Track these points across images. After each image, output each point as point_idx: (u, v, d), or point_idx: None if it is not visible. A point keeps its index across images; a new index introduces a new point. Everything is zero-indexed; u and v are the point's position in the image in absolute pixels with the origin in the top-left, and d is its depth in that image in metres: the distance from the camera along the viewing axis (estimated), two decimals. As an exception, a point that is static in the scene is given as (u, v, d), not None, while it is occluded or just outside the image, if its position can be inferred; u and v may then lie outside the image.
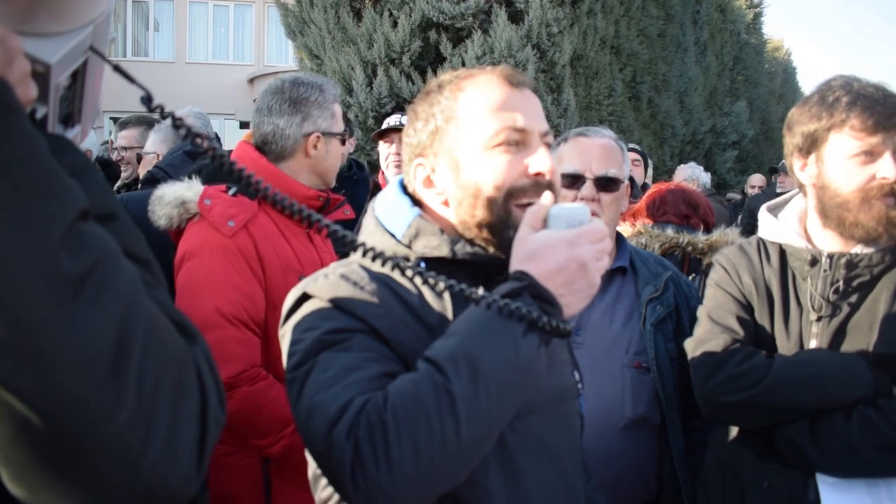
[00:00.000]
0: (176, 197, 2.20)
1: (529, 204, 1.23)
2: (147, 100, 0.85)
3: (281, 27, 9.83)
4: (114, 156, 4.74)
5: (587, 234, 1.17)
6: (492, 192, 1.24)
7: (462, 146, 1.27)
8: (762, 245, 1.90)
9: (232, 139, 20.08)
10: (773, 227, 1.89)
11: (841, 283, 1.74)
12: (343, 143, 2.40)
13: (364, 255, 1.07)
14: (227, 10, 22.66)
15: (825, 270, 1.75)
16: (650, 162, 5.64)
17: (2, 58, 0.68)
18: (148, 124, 4.50)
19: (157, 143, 4.07)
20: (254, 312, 2.07)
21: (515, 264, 1.16)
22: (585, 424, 1.97)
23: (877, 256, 1.73)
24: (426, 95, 1.35)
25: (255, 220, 2.16)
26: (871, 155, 1.66)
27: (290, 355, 1.19)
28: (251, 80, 21.38)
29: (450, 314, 1.22)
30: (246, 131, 2.70)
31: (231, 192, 2.22)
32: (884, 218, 1.66)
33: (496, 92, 1.28)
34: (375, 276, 1.24)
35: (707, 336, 1.82)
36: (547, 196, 1.23)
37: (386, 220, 1.33)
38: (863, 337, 1.72)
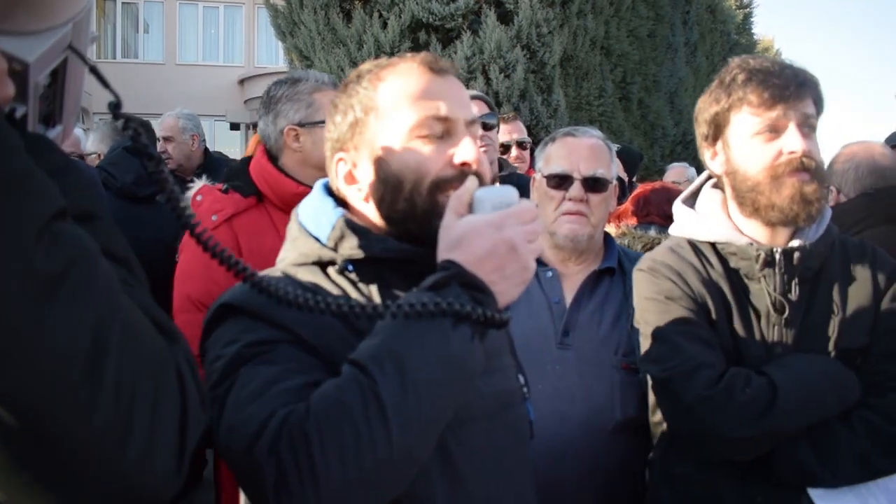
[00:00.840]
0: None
1: None
2: (115, 106, 0.83)
3: (271, 28, 9.81)
4: None
5: (515, 215, 1.10)
6: (414, 184, 1.18)
7: (382, 138, 1.21)
8: (693, 246, 1.74)
9: (222, 141, 20.06)
10: (705, 224, 1.74)
11: (796, 279, 1.65)
12: None
13: (251, 286, 0.98)
14: (217, 11, 22.61)
15: (780, 268, 1.64)
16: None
17: None
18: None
19: (96, 143, 4.04)
20: None
21: (442, 253, 1.09)
22: (574, 427, 1.97)
23: (820, 246, 1.66)
24: (345, 87, 1.28)
25: (242, 215, 2.32)
26: (774, 131, 1.58)
27: (209, 374, 1.11)
28: (241, 82, 21.33)
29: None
30: (236, 133, 2.85)
31: (223, 188, 2.42)
32: (797, 195, 1.56)
33: (417, 80, 1.22)
34: (301, 283, 1.18)
35: (681, 363, 1.59)
36: (472, 180, 1.17)
37: (309, 223, 1.26)
38: (822, 334, 1.65)
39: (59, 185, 0.70)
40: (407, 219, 1.20)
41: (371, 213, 1.24)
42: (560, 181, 2.13)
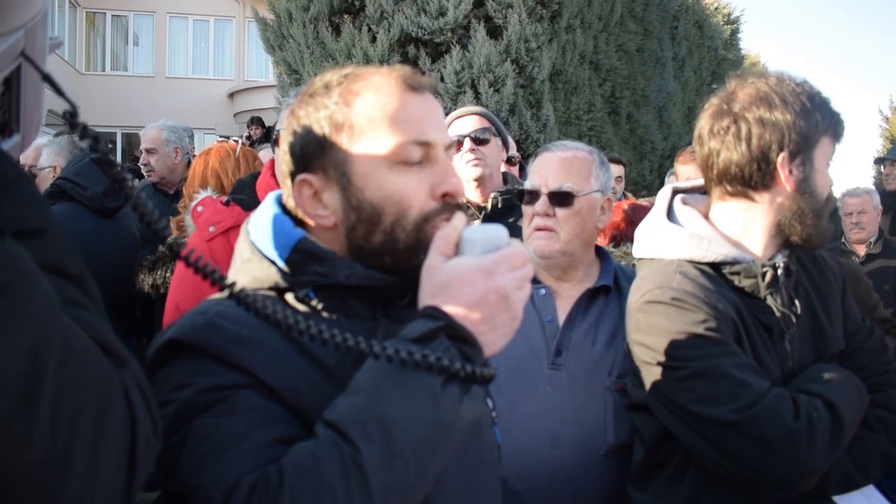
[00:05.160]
0: None
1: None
2: (71, 115, 0.78)
3: (260, 42, 9.79)
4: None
5: (507, 260, 1.02)
6: (396, 218, 1.07)
7: (356, 162, 1.08)
8: (698, 268, 1.65)
9: (211, 154, 19.97)
10: (703, 245, 1.66)
11: (792, 291, 1.68)
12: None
13: (237, 302, 0.91)
14: (208, 24, 22.60)
15: (783, 282, 1.65)
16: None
17: None
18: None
19: (52, 157, 3.95)
20: None
21: (426, 298, 1.00)
22: (565, 449, 1.92)
23: (793, 259, 1.70)
24: (311, 98, 1.14)
25: (240, 229, 2.36)
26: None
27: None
28: (231, 95, 21.30)
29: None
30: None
31: (225, 201, 2.46)
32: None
33: (395, 98, 1.10)
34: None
35: (756, 398, 1.47)
36: (459, 217, 1.08)
37: (263, 244, 1.12)
38: (814, 343, 1.69)
39: (7, 198, 0.68)
40: (383, 252, 1.09)
41: (337, 239, 1.12)
42: (530, 196, 2.09)
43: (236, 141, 4.76)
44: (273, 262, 1.11)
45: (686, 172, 4.36)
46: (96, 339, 0.70)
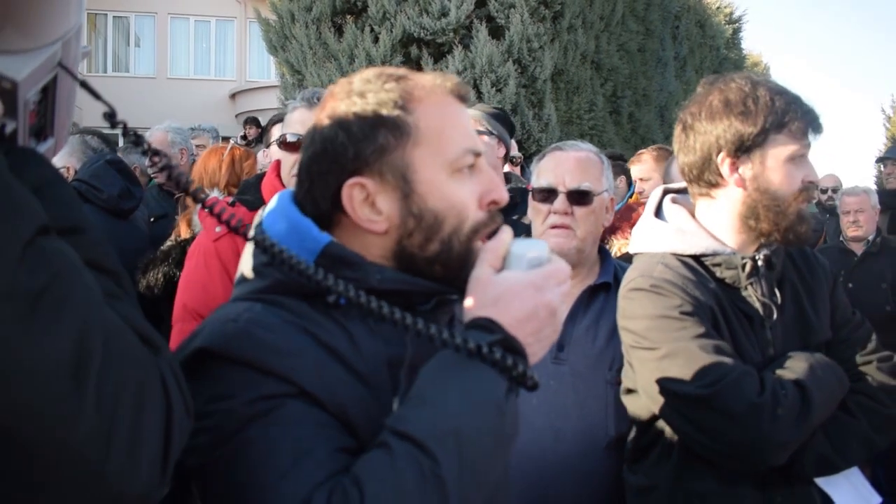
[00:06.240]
0: None
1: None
2: (111, 116, 0.84)
3: (263, 43, 9.84)
4: None
5: (554, 276, 1.04)
6: (455, 227, 1.08)
7: (420, 169, 1.07)
8: (680, 260, 1.76)
9: (213, 154, 20.03)
10: (685, 238, 1.78)
11: (774, 283, 1.76)
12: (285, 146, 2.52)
13: (327, 290, 0.91)
14: (209, 25, 22.65)
15: (762, 274, 1.74)
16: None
17: None
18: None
19: (65, 157, 3.98)
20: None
21: (477, 309, 1.01)
22: (569, 442, 1.97)
23: (780, 252, 1.78)
24: (361, 98, 1.09)
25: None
26: (800, 158, 1.70)
27: (193, 435, 0.86)
28: (233, 96, 21.35)
29: (383, 356, 1.05)
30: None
31: (231, 201, 2.50)
32: (805, 218, 1.72)
33: (453, 108, 1.11)
34: (290, 318, 1.02)
35: (723, 375, 1.58)
36: (507, 231, 1.08)
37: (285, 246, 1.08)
38: (798, 333, 1.76)
39: (47, 199, 0.73)
40: (436, 261, 1.08)
41: (376, 243, 1.09)
42: (546, 195, 2.14)
43: (238, 143, 4.81)
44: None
45: (637, 172, 4.77)
46: (134, 328, 0.76)
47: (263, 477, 0.90)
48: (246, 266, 1.14)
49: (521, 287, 1.01)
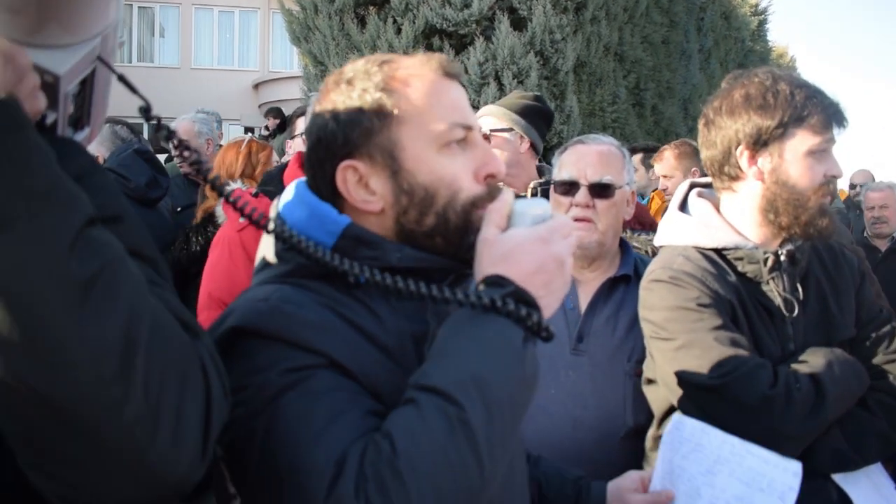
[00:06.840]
0: None
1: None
2: (145, 110, 0.88)
3: (286, 33, 9.87)
4: None
5: (559, 229, 1.07)
6: (449, 200, 1.10)
7: (406, 147, 1.10)
8: (702, 253, 1.78)
9: (236, 144, 20.18)
10: (708, 232, 1.80)
11: (797, 278, 1.76)
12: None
13: (285, 243, 0.98)
14: (233, 16, 22.78)
15: (785, 269, 1.75)
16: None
17: (12, 75, 0.72)
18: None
19: (95, 146, 4.04)
20: None
21: (487, 268, 1.04)
22: (586, 432, 1.99)
23: (805, 247, 1.78)
24: (348, 85, 1.14)
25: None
26: (822, 152, 1.69)
27: (233, 406, 0.91)
28: (256, 86, 21.48)
29: (407, 332, 1.10)
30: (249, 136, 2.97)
31: (254, 192, 2.57)
32: (826, 212, 1.72)
33: (438, 84, 1.13)
34: (317, 298, 1.06)
35: (737, 367, 1.60)
36: (509, 192, 1.12)
37: (304, 232, 1.10)
38: (821, 329, 1.76)
39: (88, 188, 0.76)
40: (435, 234, 1.11)
41: (379, 223, 1.13)
42: (568, 187, 2.15)
43: (261, 135, 4.89)
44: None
45: (659, 170, 4.75)
46: (174, 314, 0.79)
47: (299, 438, 0.93)
48: (268, 252, 1.19)
49: (527, 242, 1.05)
